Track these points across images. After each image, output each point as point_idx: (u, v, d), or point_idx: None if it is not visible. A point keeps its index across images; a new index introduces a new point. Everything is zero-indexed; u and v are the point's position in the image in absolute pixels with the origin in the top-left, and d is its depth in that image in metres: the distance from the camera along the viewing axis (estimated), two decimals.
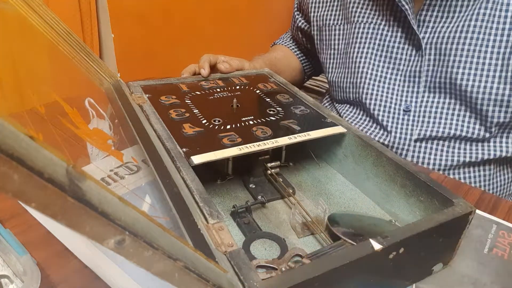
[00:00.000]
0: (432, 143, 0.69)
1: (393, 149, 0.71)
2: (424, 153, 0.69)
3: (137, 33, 1.42)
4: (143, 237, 0.19)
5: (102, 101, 0.59)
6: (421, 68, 0.67)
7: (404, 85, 0.70)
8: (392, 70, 0.71)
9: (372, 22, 0.72)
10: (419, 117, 0.69)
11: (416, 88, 0.69)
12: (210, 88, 0.60)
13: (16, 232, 0.41)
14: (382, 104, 0.72)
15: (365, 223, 0.45)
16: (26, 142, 0.14)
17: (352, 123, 0.76)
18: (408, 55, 0.69)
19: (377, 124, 0.73)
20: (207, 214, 0.34)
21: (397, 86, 0.71)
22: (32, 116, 0.54)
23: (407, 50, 0.69)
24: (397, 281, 0.39)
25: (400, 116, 0.70)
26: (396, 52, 0.70)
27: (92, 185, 0.16)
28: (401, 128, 0.70)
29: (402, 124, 0.70)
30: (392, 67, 0.71)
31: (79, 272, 0.39)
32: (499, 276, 0.42)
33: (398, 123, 0.70)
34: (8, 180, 0.13)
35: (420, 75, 0.68)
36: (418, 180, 0.43)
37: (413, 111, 0.69)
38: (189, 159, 0.41)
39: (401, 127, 0.70)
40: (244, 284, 0.28)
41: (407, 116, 0.70)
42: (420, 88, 0.68)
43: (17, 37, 0.56)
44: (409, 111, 0.69)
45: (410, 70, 0.69)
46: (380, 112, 0.72)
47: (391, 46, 0.71)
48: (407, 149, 0.70)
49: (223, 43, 1.59)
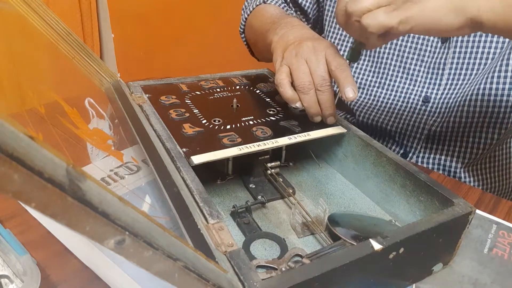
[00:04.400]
0: (445, 135, 0.69)
1: (404, 138, 0.70)
2: (432, 143, 0.69)
3: (137, 33, 1.42)
4: (143, 237, 0.19)
5: (102, 101, 0.59)
6: (445, 61, 0.66)
7: (427, 77, 0.68)
8: (416, 61, 0.69)
9: None
10: (436, 108, 0.68)
11: (438, 80, 0.68)
12: (210, 88, 0.60)
13: (16, 232, 0.41)
14: (402, 94, 0.70)
15: (365, 223, 0.45)
16: (26, 142, 0.14)
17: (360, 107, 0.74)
18: (433, 47, 0.67)
19: (388, 110, 0.72)
20: (207, 214, 0.34)
21: (419, 77, 0.69)
22: (32, 116, 0.54)
23: (432, 41, 0.67)
24: (397, 281, 0.39)
25: (418, 106, 0.69)
26: (421, 43, 0.68)
27: (92, 185, 0.16)
28: (416, 117, 0.69)
29: (418, 114, 0.69)
30: (416, 57, 0.69)
31: (79, 272, 0.39)
32: (499, 276, 0.42)
33: (414, 112, 0.69)
34: (8, 180, 0.13)
35: (444, 67, 0.67)
36: (418, 180, 0.43)
37: (431, 102, 0.68)
38: (189, 159, 0.41)
39: (416, 116, 0.69)
40: (244, 284, 0.28)
41: (425, 107, 0.69)
42: (443, 80, 0.67)
43: (17, 37, 0.56)
44: (427, 102, 0.68)
45: (435, 62, 0.67)
46: (399, 102, 0.71)
47: (416, 37, 0.68)
48: (419, 137, 0.69)
49: (223, 43, 1.59)
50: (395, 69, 0.71)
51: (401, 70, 0.70)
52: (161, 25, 1.45)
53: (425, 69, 0.69)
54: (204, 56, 1.65)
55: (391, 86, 0.72)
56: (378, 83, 0.73)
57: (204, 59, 1.64)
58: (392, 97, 0.71)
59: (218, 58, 1.64)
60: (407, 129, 0.70)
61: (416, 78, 0.70)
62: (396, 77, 0.71)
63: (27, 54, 0.59)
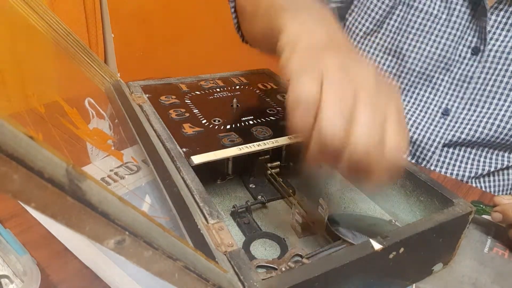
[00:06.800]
0: (460, 149, 0.66)
1: (420, 154, 0.67)
2: (450, 159, 0.66)
3: (137, 33, 1.42)
4: (143, 237, 0.19)
5: (102, 101, 0.59)
6: (473, 74, 0.63)
7: (450, 87, 0.65)
8: (442, 69, 0.65)
9: (433, 14, 0.63)
10: (455, 123, 0.65)
11: (461, 93, 0.64)
12: (210, 88, 0.60)
13: (16, 232, 0.41)
14: (421, 103, 0.67)
15: (365, 223, 0.45)
16: (26, 142, 0.14)
17: None
18: (462, 57, 0.63)
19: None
20: (207, 214, 0.34)
21: (442, 87, 0.66)
22: (32, 116, 0.54)
23: (461, 51, 0.63)
24: (397, 281, 0.38)
25: (436, 118, 0.66)
26: (450, 52, 0.64)
27: (92, 185, 0.16)
28: (433, 130, 0.66)
29: (435, 126, 0.66)
30: (442, 66, 0.65)
31: (79, 272, 0.39)
32: (499, 276, 0.42)
33: (431, 124, 0.66)
34: (8, 180, 0.13)
35: (470, 80, 0.63)
36: (418, 180, 0.43)
37: (451, 115, 0.65)
38: (189, 159, 0.41)
39: (433, 128, 0.66)
40: (244, 284, 0.28)
41: (443, 119, 0.66)
42: (466, 94, 0.64)
43: (17, 37, 0.56)
44: (447, 115, 0.65)
45: (461, 74, 0.64)
46: (417, 111, 0.67)
47: (447, 45, 0.63)
48: (433, 151, 0.66)
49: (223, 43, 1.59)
50: (418, 75, 0.67)
51: (424, 77, 0.66)
52: (161, 25, 1.45)
53: (449, 79, 0.65)
54: (204, 56, 1.65)
55: (410, 93, 0.68)
56: (398, 87, 0.69)
57: (204, 59, 1.64)
58: (410, 104, 0.68)
59: (218, 58, 1.64)
60: (422, 140, 0.67)
61: (438, 88, 0.66)
62: (418, 83, 0.67)
63: (27, 54, 0.59)
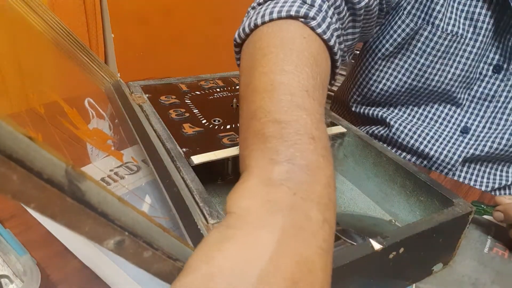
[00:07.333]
0: (481, 164, 0.66)
1: (438, 166, 0.66)
2: (471, 174, 0.66)
3: (137, 33, 1.42)
4: (143, 237, 0.19)
5: (102, 101, 0.59)
6: (495, 93, 0.62)
7: (470, 105, 0.64)
8: (462, 88, 0.64)
9: (458, 33, 0.60)
10: (475, 141, 0.64)
11: (482, 112, 0.63)
12: (210, 88, 0.60)
13: (16, 232, 0.41)
14: (439, 119, 0.66)
15: (365, 223, 0.45)
16: (25, 142, 0.14)
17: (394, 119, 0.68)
18: (483, 75, 0.62)
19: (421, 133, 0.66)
20: (207, 214, 0.34)
21: (462, 105, 0.65)
22: (32, 116, 0.54)
23: (482, 69, 0.62)
24: (397, 281, 0.38)
25: (455, 136, 0.65)
26: (471, 71, 0.62)
27: (92, 185, 0.16)
28: (451, 147, 0.65)
29: (454, 144, 0.65)
30: (463, 85, 0.63)
31: (79, 272, 0.39)
32: (499, 275, 0.42)
33: (449, 141, 0.65)
34: (7, 181, 0.13)
35: (491, 99, 0.63)
36: (418, 180, 0.43)
37: (470, 134, 0.64)
38: (189, 159, 0.41)
39: (451, 146, 0.65)
40: None
41: (462, 138, 0.65)
42: (487, 113, 0.63)
43: (16, 37, 0.56)
44: (466, 133, 0.64)
45: (482, 92, 0.63)
46: (435, 127, 0.66)
47: (468, 64, 0.61)
48: (453, 164, 0.65)
49: (223, 43, 1.58)
50: (439, 94, 0.65)
51: (445, 96, 0.65)
52: (161, 25, 1.45)
53: (469, 97, 0.64)
54: (204, 56, 1.65)
55: (429, 108, 0.67)
56: (418, 104, 0.68)
57: (204, 59, 1.64)
58: (428, 119, 0.67)
59: (218, 58, 1.64)
60: (438, 157, 0.65)
61: (458, 105, 0.65)
62: (437, 101, 0.66)
63: (26, 54, 0.59)
